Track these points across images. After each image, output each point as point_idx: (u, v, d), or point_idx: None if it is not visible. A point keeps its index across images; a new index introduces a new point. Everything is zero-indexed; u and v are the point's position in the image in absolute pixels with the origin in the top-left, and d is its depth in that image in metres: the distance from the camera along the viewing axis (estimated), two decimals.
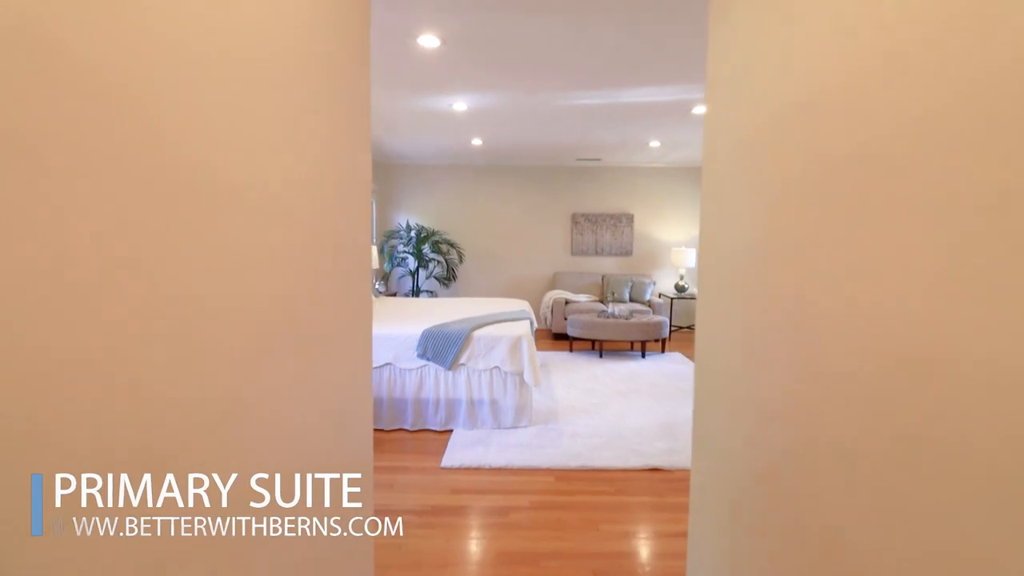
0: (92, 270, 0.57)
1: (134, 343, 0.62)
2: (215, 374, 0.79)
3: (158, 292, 0.66)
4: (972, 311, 0.61)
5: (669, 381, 4.88)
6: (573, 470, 3.01)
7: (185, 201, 0.72)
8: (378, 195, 7.41)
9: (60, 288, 0.53)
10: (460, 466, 3.03)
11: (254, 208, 0.91)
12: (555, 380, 4.86)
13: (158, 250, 0.67)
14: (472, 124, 5.16)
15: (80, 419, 0.55)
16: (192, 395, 0.73)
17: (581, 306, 6.74)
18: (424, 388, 3.62)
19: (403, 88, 4.04)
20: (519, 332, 3.67)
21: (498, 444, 3.34)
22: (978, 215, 0.61)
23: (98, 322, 0.57)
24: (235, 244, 0.85)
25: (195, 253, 0.74)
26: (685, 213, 7.68)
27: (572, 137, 5.81)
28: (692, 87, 3.93)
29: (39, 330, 0.51)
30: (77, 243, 0.55)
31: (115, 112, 0.60)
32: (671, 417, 3.88)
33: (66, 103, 0.54)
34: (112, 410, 0.59)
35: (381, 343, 3.59)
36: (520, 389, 3.62)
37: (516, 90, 4.04)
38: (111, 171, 0.59)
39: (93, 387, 0.56)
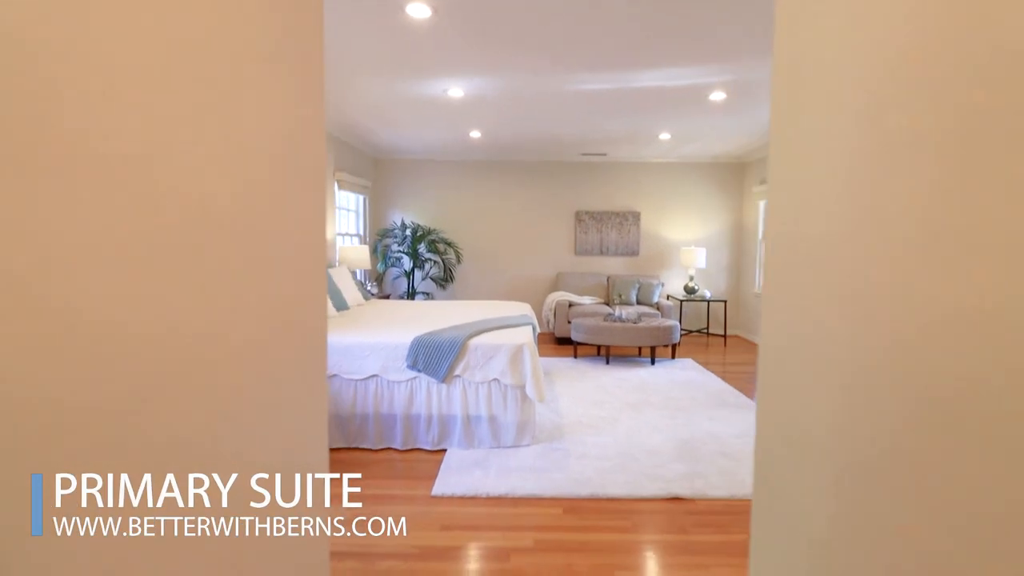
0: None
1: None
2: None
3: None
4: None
5: (683, 391, 4.51)
6: (583, 500, 2.64)
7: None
8: (371, 192, 7.04)
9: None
10: (454, 494, 2.66)
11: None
12: (559, 390, 4.49)
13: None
14: (470, 113, 4.79)
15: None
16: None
17: (586, 309, 6.37)
18: (415, 403, 3.25)
19: (393, 71, 3.67)
20: (520, 340, 3.29)
21: (497, 467, 2.97)
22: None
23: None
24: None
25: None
26: (695, 211, 7.31)
27: (577, 129, 5.44)
28: (712, 69, 3.56)
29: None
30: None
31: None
32: (688, 433, 3.51)
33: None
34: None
35: (367, 352, 3.22)
36: (522, 404, 3.25)
37: (516, 72, 3.67)
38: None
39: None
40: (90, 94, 0.56)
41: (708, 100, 4.24)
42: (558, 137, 5.86)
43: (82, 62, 0.55)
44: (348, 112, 4.90)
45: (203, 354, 0.74)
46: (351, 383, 3.23)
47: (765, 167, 6.61)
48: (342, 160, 6.00)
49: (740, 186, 7.27)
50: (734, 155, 6.93)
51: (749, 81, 3.78)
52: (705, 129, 5.36)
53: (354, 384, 3.23)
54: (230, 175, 0.82)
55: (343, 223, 6.33)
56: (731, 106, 4.43)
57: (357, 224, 6.84)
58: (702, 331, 7.21)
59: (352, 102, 4.53)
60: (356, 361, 3.22)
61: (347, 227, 6.51)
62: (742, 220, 7.27)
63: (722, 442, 3.37)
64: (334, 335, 3.31)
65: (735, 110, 4.56)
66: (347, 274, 4.86)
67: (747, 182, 7.14)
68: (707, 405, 4.14)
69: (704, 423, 3.72)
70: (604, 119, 4.98)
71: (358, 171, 6.53)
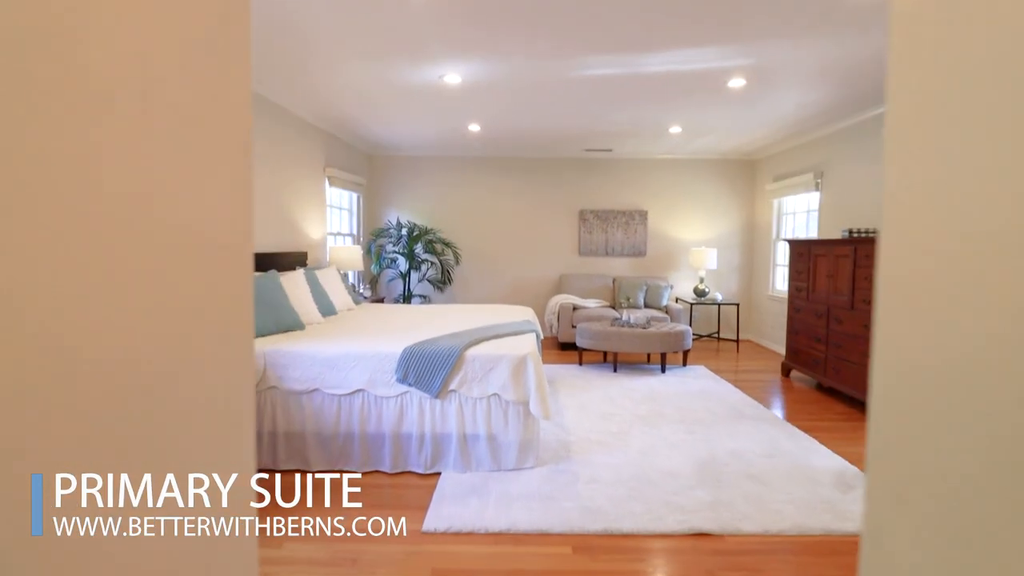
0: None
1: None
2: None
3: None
4: None
5: (698, 402, 4.18)
6: (595, 536, 2.30)
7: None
8: (365, 189, 6.71)
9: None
10: (448, 530, 2.33)
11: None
12: (564, 401, 4.16)
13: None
14: (468, 103, 4.47)
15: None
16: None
17: (591, 312, 6.04)
18: (406, 420, 2.92)
19: (384, 52, 3.34)
20: (523, 350, 2.96)
21: (498, 495, 2.64)
22: None
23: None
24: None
25: None
26: (705, 209, 6.97)
27: (581, 122, 5.11)
28: (732, 51, 3.23)
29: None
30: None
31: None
32: (708, 452, 3.18)
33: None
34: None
35: (352, 364, 2.89)
36: (525, 421, 2.92)
37: (518, 55, 3.34)
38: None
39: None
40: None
41: (726, 88, 3.91)
42: (561, 131, 5.54)
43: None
44: (337, 103, 4.58)
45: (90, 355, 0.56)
46: (334, 399, 2.90)
47: (779, 163, 6.28)
48: (333, 155, 5.67)
49: (752, 183, 6.94)
50: (745, 151, 6.60)
51: (771, 66, 3.46)
52: (719, 121, 5.03)
53: (337, 400, 2.90)
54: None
55: (335, 222, 6.00)
56: (750, 94, 4.10)
57: (350, 223, 6.51)
58: (712, 335, 6.88)
59: (341, 91, 4.21)
60: (340, 373, 2.89)
61: (339, 226, 6.18)
62: (754, 219, 6.94)
63: (747, 462, 3.04)
64: (317, 344, 2.98)
65: (754, 99, 4.23)
66: (336, 276, 4.53)
67: (759, 179, 6.80)
68: (725, 418, 3.81)
69: (724, 439, 3.39)
70: (610, 110, 4.65)
71: (351, 167, 6.20)
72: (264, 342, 2.99)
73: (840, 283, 4.27)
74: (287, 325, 3.28)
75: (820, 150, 5.43)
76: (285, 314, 3.31)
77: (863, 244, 4.03)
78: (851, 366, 4.09)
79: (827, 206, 5.36)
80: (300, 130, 4.91)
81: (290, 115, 4.70)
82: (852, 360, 4.08)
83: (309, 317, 3.60)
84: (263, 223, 4.27)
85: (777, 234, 6.49)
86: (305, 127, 5.01)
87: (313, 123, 5.14)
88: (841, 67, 3.46)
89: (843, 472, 2.95)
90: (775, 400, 4.43)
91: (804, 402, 4.34)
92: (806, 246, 4.80)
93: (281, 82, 3.99)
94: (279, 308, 3.29)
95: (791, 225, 6.31)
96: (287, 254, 4.44)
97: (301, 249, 4.89)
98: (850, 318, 4.13)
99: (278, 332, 3.21)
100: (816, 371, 4.58)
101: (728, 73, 3.63)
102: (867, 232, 4.24)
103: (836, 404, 4.24)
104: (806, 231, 5.89)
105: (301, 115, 4.86)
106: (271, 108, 4.36)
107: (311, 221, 5.13)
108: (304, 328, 3.41)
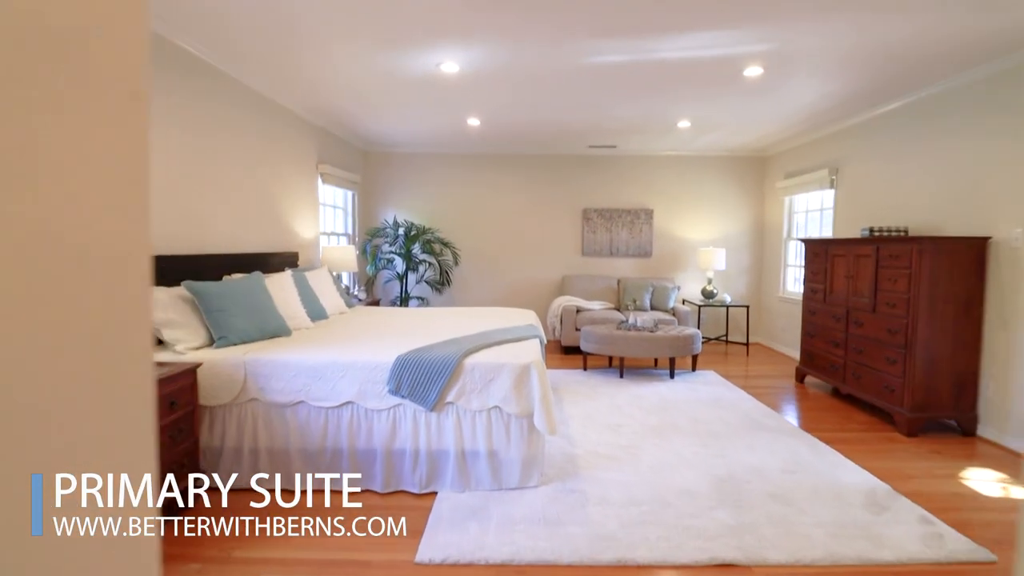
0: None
1: None
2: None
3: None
4: None
5: (711, 411, 3.94)
6: (606, 568, 2.07)
7: None
8: (360, 187, 6.48)
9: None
10: (444, 561, 2.09)
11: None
12: (569, 411, 3.92)
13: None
14: (467, 95, 4.23)
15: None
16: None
17: (595, 315, 5.80)
18: (399, 435, 2.68)
19: (377, 35, 3.10)
20: (527, 358, 2.73)
21: (499, 517, 2.40)
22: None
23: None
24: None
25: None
26: (712, 208, 6.74)
27: (585, 116, 4.87)
28: (751, 35, 2.99)
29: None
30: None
31: None
32: (726, 468, 2.94)
33: None
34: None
35: (341, 373, 2.66)
36: (529, 436, 2.69)
37: (520, 40, 3.11)
38: None
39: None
40: None
41: (742, 77, 3.68)
42: (564, 126, 5.30)
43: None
44: (329, 95, 4.34)
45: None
46: (321, 411, 2.67)
47: (791, 160, 6.04)
48: (326, 151, 5.44)
49: (761, 181, 6.70)
50: (755, 147, 6.36)
51: (792, 51, 3.22)
52: (730, 115, 4.80)
53: (325, 413, 2.67)
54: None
55: (328, 221, 5.76)
56: (766, 85, 3.86)
57: (345, 222, 6.28)
58: (721, 338, 6.64)
59: (332, 81, 3.97)
60: (327, 384, 2.65)
61: (333, 225, 5.95)
62: (764, 218, 6.70)
63: (768, 480, 2.81)
64: (302, 352, 2.75)
65: (770, 89, 4.00)
66: (327, 278, 4.30)
67: (770, 177, 6.57)
68: (741, 429, 3.57)
69: (742, 453, 3.15)
70: (617, 102, 4.42)
71: (345, 164, 5.97)
72: (245, 349, 2.76)
73: (861, 284, 4.03)
74: (272, 331, 3.05)
75: (835, 145, 5.20)
76: (270, 319, 3.07)
77: (887, 243, 3.79)
78: (873, 372, 3.86)
79: (843, 204, 5.12)
80: (290, 124, 4.68)
81: (279, 107, 4.46)
82: (874, 366, 3.84)
83: (296, 322, 3.37)
84: (249, 222, 4.03)
85: (788, 233, 6.26)
86: (296, 121, 4.78)
87: (304, 117, 4.90)
88: (867, 51, 3.23)
89: (874, 490, 2.71)
90: (791, 408, 4.19)
91: (822, 410, 4.10)
92: (823, 246, 4.56)
93: (268, 71, 3.76)
94: (263, 312, 3.05)
95: (802, 224, 6.07)
96: (276, 254, 4.20)
97: (291, 249, 4.65)
98: (872, 321, 3.90)
99: (261, 339, 2.97)
100: (834, 377, 4.34)
101: (745, 60, 3.40)
102: (891, 231, 4.00)
103: (857, 413, 4.00)
104: (819, 230, 5.65)
105: (291, 108, 4.63)
106: (258, 100, 4.12)
107: (303, 220, 4.90)
108: (291, 334, 3.17)
